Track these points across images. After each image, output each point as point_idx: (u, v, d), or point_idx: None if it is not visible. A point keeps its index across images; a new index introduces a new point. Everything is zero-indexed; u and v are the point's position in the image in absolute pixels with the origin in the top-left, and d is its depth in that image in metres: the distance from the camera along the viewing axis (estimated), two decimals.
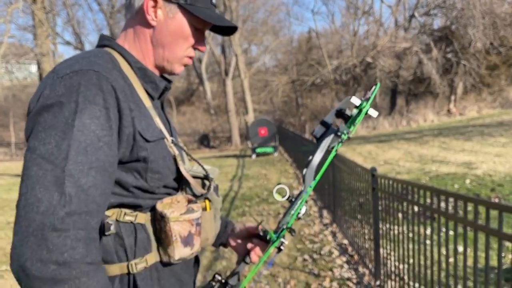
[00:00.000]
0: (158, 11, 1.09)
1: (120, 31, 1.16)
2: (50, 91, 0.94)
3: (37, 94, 0.97)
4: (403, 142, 14.73)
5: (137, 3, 1.10)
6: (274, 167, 12.70)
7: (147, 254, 1.06)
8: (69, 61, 1.01)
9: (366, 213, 4.09)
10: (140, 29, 1.11)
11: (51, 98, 0.92)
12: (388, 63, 23.61)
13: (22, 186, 0.87)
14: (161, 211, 1.05)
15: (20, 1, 13.79)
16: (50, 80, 0.96)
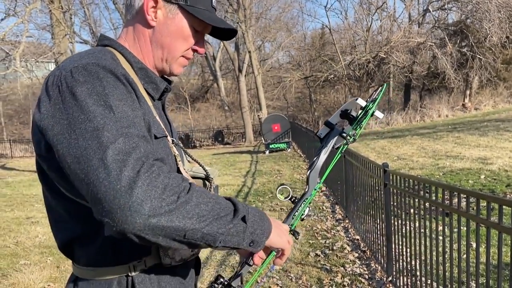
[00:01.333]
0: (158, 11, 1.09)
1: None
2: (70, 80, 0.91)
3: (51, 87, 0.94)
4: (417, 137, 14.64)
5: (137, 3, 1.10)
6: (287, 163, 12.76)
7: (146, 256, 1.05)
8: (74, 57, 1.00)
9: (379, 209, 4.14)
10: (139, 29, 1.11)
11: (74, 85, 0.90)
12: (402, 58, 23.39)
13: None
14: None
15: (38, 1, 14.06)
16: (59, 73, 0.95)
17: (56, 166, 0.94)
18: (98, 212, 0.83)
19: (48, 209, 1.11)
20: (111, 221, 0.81)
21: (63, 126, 0.88)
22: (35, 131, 0.97)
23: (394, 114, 23.38)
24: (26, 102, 29.58)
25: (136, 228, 0.82)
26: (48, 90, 0.94)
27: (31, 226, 6.72)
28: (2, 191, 11.16)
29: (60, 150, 0.88)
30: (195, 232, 0.87)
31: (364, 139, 16.24)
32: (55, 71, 0.97)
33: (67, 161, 0.87)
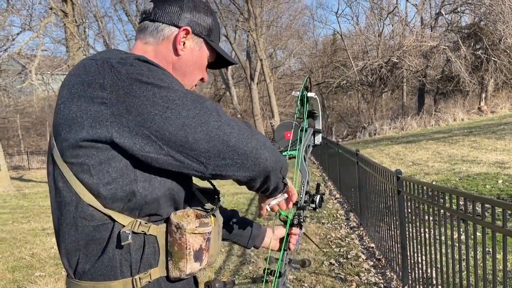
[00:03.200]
0: (186, 42, 1.20)
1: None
2: (132, 69, 0.98)
3: (102, 75, 0.98)
4: (432, 142, 14.45)
5: (167, 31, 1.18)
6: None
7: (151, 268, 1.06)
8: (114, 52, 1.06)
9: (393, 216, 4.07)
10: (164, 54, 1.19)
11: (145, 76, 0.98)
12: (415, 63, 23.18)
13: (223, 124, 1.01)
14: (178, 222, 1.06)
15: (53, 15, 14.35)
16: (105, 65, 0.99)
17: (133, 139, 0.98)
18: (245, 168, 1.05)
19: (58, 213, 1.07)
20: (263, 170, 1.09)
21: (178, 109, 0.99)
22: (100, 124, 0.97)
23: (408, 119, 23.15)
24: (43, 114, 30.10)
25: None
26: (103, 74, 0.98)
27: (46, 237, 6.78)
28: (19, 202, 11.33)
29: (172, 124, 0.97)
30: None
31: (378, 145, 16.10)
32: (97, 62, 1.01)
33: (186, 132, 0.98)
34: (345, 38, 27.71)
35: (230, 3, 24.23)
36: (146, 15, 1.20)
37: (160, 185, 1.05)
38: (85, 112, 0.98)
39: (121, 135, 0.96)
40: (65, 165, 1.02)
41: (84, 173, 1.00)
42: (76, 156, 1.00)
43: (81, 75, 1.02)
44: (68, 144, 1.00)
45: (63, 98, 1.03)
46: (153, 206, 1.05)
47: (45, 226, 7.73)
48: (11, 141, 30.91)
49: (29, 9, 16.18)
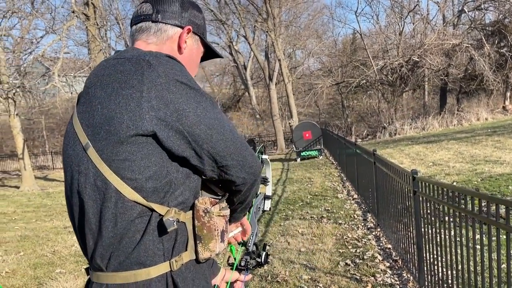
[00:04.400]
0: (187, 40, 1.28)
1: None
2: (168, 67, 1.08)
3: (143, 71, 1.07)
4: (454, 142, 14.17)
5: (171, 31, 1.26)
6: (318, 170, 12.63)
7: (183, 252, 1.14)
8: (139, 50, 1.16)
9: (410, 217, 4.01)
10: (169, 52, 1.24)
11: (179, 75, 1.09)
12: (437, 61, 22.76)
13: (223, 126, 1.13)
14: (205, 207, 1.15)
15: (75, 19, 14.65)
16: (141, 63, 1.08)
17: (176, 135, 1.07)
18: (243, 170, 1.18)
19: (94, 211, 1.09)
20: (252, 175, 1.21)
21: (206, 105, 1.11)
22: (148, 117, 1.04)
23: (429, 118, 22.74)
24: (66, 115, 30.71)
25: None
26: (174, 83, 1.08)
27: (67, 235, 6.94)
28: (43, 201, 11.62)
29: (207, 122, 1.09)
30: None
31: (398, 145, 15.88)
32: (135, 59, 1.10)
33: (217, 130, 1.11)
34: (364, 37, 27.42)
35: (249, 4, 24.27)
36: (145, 16, 1.25)
37: (186, 176, 1.14)
38: (125, 108, 1.04)
39: (158, 128, 1.04)
40: (103, 164, 1.06)
41: (126, 169, 1.05)
42: (117, 153, 1.05)
43: (115, 74, 1.08)
44: (108, 142, 1.05)
45: (98, 98, 1.08)
46: (183, 195, 1.13)
47: (66, 224, 7.91)
48: (36, 141, 31.69)
49: (52, 13, 16.59)
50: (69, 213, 1.20)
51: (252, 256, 1.47)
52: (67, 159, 1.17)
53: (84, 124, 1.11)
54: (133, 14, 1.29)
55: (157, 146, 1.07)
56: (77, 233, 1.18)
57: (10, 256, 5.93)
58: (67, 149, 1.17)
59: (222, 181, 1.22)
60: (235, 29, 27.07)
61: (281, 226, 6.28)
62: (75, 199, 1.14)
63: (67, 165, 1.17)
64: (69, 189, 1.16)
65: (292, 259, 4.75)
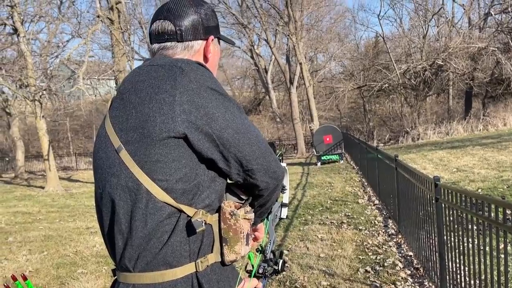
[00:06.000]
0: (210, 47, 1.33)
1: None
2: (199, 74, 1.14)
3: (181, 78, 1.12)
4: (479, 147, 13.82)
5: (197, 46, 1.30)
6: (339, 175, 12.52)
7: (208, 254, 1.16)
8: (167, 58, 1.22)
9: (432, 224, 3.93)
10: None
11: (209, 82, 1.14)
12: (462, 65, 22.29)
13: (250, 130, 1.18)
14: (232, 209, 1.17)
15: (100, 23, 14.96)
16: (174, 69, 1.14)
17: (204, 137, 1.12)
18: (267, 174, 1.20)
19: (124, 212, 1.12)
20: (275, 180, 1.23)
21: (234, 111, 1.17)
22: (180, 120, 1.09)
23: (454, 123, 22.28)
24: (90, 117, 31.39)
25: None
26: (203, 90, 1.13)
27: (90, 236, 7.06)
28: (66, 202, 11.87)
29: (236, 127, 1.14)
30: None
31: (421, 150, 15.60)
32: (171, 68, 1.15)
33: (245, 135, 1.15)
34: (387, 40, 27.10)
35: (271, 8, 24.31)
36: (169, 35, 1.27)
37: (212, 179, 1.17)
38: (158, 112, 1.09)
39: (189, 130, 1.08)
40: (135, 166, 1.10)
41: (157, 171, 1.09)
42: (149, 155, 1.09)
43: (149, 80, 1.14)
44: (141, 144, 1.10)
45: (132, 103, 1.13)
46: (209, 198, 1.16)
47: (89, 225, 8.05)
48: (61, 143, 32.40)
49: (78, 18, 16.99)
50: (98, 214, 1.24)
51: (269, 264, 1.48)
52: (98, 161, 1.21)
53: (117, 128, 1.15)
54: (152, 31, 1.29)
55: (187, 149, 1.10)
56: (105, 235, 1.21)
57: (34, 255, 6.06)
58: (98, 151, 1.21)
59: (246, 185, 1.24)
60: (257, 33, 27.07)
61: (301, 231, 6.24)
62: (105, 200, 1.17)
63: (98, 167, 1.21)
64: (100, 190, 1.20)
65: (311, 265, 4.71)
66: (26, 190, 15.84)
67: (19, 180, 19.99)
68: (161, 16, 1.28)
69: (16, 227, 8.39)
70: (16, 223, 8.87)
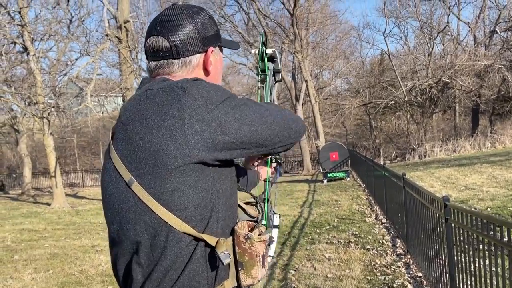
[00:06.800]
0: (210, 58, 1.26)
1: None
2: (201, 89, 1.09)
3: (181, 103, 1.07)
4: (487, 165, 13.70)
5: (195, 60, 1.23)
6: (346, 192, 12.43)
7: (224, 280, 1.12)
8: (166, 79, 1.18)
9: (442, 244, 3.87)
10: (200, 77, 1.25)
11: (212, 92, 1.10)
12: (468, 82, 22.28)
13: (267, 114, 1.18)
14: (246, 233, 1.13)
15: (108, 42, 15.17)
16: (176, 90, 1.09)
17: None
18: (290, 138, 1.24)
19: (143, 247, 1.08)
20: (299, 137, 1.29)
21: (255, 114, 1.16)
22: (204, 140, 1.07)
23: (461, 140, 22.15)
24: (97, 134, 31.61)
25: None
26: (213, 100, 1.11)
27: (95, 254, 7.03)
28: (72, 219, 11.86)
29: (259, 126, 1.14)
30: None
31: (428, 167, 15.49)
32: (169, 94, 1.10)
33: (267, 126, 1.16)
34: (393, 58, 27.22)
35: (276, 26, 24.58)
36: (164, 53, 1.20)
37: (227, 196, 1.14)
38: (170, 139, 1.04)
39: (206, 147, 1.05)
40: (151, 198, 1.05)
41: (175, 201, 1.05)
42: (165, 186, 1.04)
43: (153, 107, 1.08)
44: (155, 175, 1.04)
45: (139, 134, 1.07)
46: (223, 219, 1.13)
47: (94, 243, 8.02)
48: (68, 159, 32.59)
49: (87, 36, 17.26)
50: (114, 248, 1.16)
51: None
52: (109, 197, 1.14)
53: (125, 161, 1.09)
54: (147, 48, 1.23)
55: (202, 171, 1.07)
56: (118, 269, 1.14)
57: (39, 274, 6.03)
58: (108, 186, 1.14)
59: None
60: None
61: (307, 250, 6.17)
62: (122, 236, 1.11)
63: (110, 202, 1.14)
64: (114, 226, 1.14)
65: (318, 286, 4.65)
66: (32, 207, 15.87)
67: (26, 196, 20.05)
68: (154, 31, 1.20)
69: (22, 244, 8.38)
70: (22, 240, 8.86)
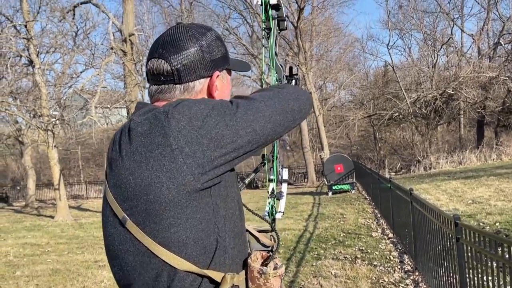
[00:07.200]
0: (217, 83, 1.17)
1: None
2: (181, 108, 1.01)
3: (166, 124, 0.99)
4: (494, 178, 13.56)
5: (198, 86, 1.14)
6: (351, 205, 12.31)
7: None
8: (149, 104, 1.12)
9: (452, 261, 3.77)
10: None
11: (195, 108, 1.02)
12: (472, 94, 22.21)
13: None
14: (260, 268, 1.04)
15: (113, 54, 15.25)
16: (159, 116, 1.01)
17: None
18: (300, 114, 1.18)
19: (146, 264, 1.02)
20: (309, 109, 1.25)
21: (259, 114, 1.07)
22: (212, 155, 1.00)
23: (466, 152, 22.00)
24: (101, 146, 31.64)
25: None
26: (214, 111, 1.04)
27: (98, 270, 6.94)
28: (75, 232, 11.78)
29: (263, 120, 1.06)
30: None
31: (434, 180, 15.35)
32: (155, 116, 1.03)
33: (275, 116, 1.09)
34: (397, 69, 27.21)
35: (280, 38, 24.66)
36: (165, 77, 1.12)
37: (234, 223, 1.05)
38: (160, 170, 0.97)
39: (202, 168, 0.97)
40: (147, 237, 0.98)
41: (172, 237, 0.97)
42: (160, 222, 0.97)
43: (138, 138, 1.01)
44: (149, 213, 0.97)
45: (127, 169, 1.00)
46: (235, 248, 1.05)
47: (97, 258, 7.93)
48: (72, 171, 32.61)
49: (92, 49, 17.37)
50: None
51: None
52: (109, 238, 1.08)
53: (119, 199, 1.02)
54: (148, 71, 1.16)
55: (200, 199, 0.98)
56: None
57: None
58: (107, 226, 1.09)
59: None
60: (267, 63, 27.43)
61: (313, 267, 6.07)
62: (124, 281, 1.06)
63: (110, 244, 1.08)
64: (116, 269, 1.08)
65: None
66: (35, 219, 15.81)
67: (29, 209, 20.01)
68: (156, 53, 1.12)
69: (24, 260, 8.30)
70: (25, 255, 8.78)
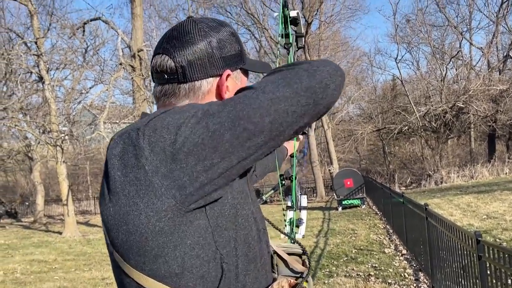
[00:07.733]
0: (228, 84, 1.03)
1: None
2: (154, 122, 0.87)
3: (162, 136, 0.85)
4: (508, 192, 13.27)
5: (206, 86, 1.00)
6: (362, 221, 12.09)
7: None
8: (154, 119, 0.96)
9: (472, 280, 3.60)
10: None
11: (167, 117, 0.87)
12: (483, 107, 22.00)
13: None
14: None
15: (122, 70, 15.35)
16: (131, 133, 0.89)
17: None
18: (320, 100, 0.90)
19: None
20: (340, 79, 0.96)
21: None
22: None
23: (478, 166, 21.67)
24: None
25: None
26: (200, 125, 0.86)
27: (105, 287, 6.82)
28: (83, 249, 11.69)
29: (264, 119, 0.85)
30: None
31: (446, 194, 15.09)
32: (142, 131, 0.88)
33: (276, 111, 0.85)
34: (405, 83, 27.09)
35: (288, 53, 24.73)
36: (169, 75, 0.99)
37: (249, 248, 0.93)
38: (136, 196, 0.84)
39: (183, 188, 0.82)
40: (134, 271, 0.88)
41: (161, 269, 0.86)
42: (144, 254, 0.86)
43: (113, 161, 0.89)
44: (130, 244, 0.87)
45: (107, 198, 0.90)
46: (250, 274, 0.91)
47: (104, 275, 7.81)
48: (81, 186, 32.67)
49: (101, 65, 17.52)
50: None
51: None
52: (114, 269, 0.98)
53: (105, 229, 0.93)
54: (151, 68, 1.04)
55: (188, 224, 0.85)
56: None
57: None
58: (110, 256, 0.99)
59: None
60: None
61: (325, 285, 5.89)
62: None
63: (114, 275, 0.99)
64: None
65: None
66: (43, 235, 15.76)
67: (38, 224, 19.99)
68: (160, 49, 1.00)
69: (31, 277, 8.20)
70: (32, 272, 8.69)
